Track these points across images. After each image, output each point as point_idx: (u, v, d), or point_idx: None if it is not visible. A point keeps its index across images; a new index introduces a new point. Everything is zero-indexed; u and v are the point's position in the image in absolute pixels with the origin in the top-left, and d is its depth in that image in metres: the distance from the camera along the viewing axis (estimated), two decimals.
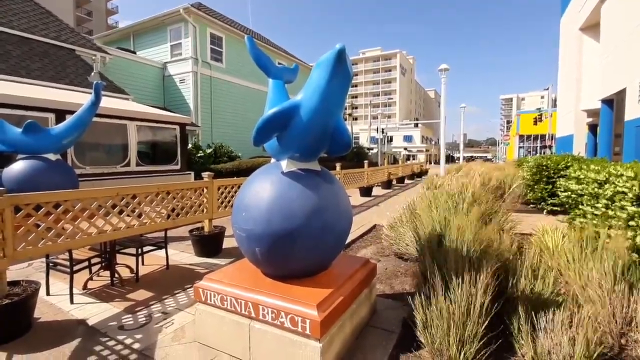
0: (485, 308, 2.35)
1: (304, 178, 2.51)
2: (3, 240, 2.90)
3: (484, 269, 2.57)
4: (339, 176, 9.69)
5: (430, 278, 2.71)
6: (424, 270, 3.12)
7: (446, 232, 3.59)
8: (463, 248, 3.23)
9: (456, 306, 2.30)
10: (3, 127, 4.76)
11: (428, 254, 3.23)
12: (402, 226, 4.79)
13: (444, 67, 14.59)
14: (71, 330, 2.98)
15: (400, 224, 4.90)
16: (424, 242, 3.67)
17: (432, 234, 3.79)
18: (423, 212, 4.54)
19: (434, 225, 3.96)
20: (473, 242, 3.28)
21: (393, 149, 60.09)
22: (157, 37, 16.83)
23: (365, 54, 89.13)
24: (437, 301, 2.36)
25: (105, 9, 54.95)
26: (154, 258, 4.79)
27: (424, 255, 3.30)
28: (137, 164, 7.76)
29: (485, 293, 2.40)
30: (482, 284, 2.43)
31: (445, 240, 3.47)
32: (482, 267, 2.60)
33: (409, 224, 4.67)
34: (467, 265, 2.76)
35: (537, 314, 2.29)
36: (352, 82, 2.19)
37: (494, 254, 3.11)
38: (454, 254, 3.06)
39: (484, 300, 2.36)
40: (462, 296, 2.38)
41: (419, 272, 3.30)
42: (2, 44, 9.36)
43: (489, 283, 2.47)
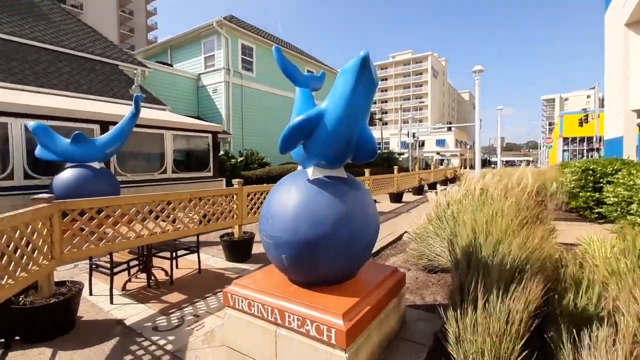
0: (525, 323, 2.20)
1: (330, 185, 2.50)
2: (52, 244, 3.13)
3: (525, 281, 2.41)
4: (367, 182, 9.58)
5: (464, 290, 2.58)
6: (457, 281, 2.99)
7: (481, 240, 3.42)
8: (500, 258, 3.05)
9: (493, 321, 2.17)
10: (54, 138, 5.17)
11: (461, 263, 3.09)
12: (433, 234, 4.63)
13: (478, 68, 14.07)
14: (110, 330, 3.14)
15: (431, 231, 4.73)
16: (457, 251, 3.51)
17: (465, 243, 3.62)
18: (455, 219, 4.36)
19: (467, 233, 3.79)
20: (511, 252, 3.09)
21: (425, 153, 58.60)
22: (192, 50, 17.67)
23: (395, 57, 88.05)
24: (472, 315, 2.24)
25: (146, 25, 58.66)
26: (187, 262, 4.96)
27: (457, 265, 3.16)
28: (173, 171, 8.13)
29: (526, 308, 2.25)
30: (523, 298, 2.27)
31: (480, 249, 3.31)
32: (522, 280, 2.44)
33: (440, 232, 4.50)
34: (505, 277, 2.60)
35: (580, 330, 2.11)
36: (381, 87, 2.17)
37: (535, 265, 2.91)
38: (490, 264, 2.90)
39: (523, 315, 2.21)
40: (500, 310, 2.24)
41: (452, 283, 3.16)
42: (55, 61, 10.26)
43: (529, 297, 2.31)
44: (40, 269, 2.93)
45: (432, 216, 5.12)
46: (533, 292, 2.33)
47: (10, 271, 2.52)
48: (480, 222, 3.56)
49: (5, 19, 10.03)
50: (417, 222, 5.05)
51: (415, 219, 5.15)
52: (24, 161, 5.69)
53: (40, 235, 2.96)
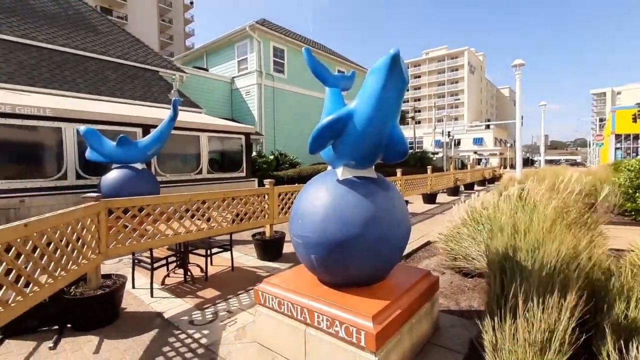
0: (570, 335, 2.04)
1: (360, 186, 2.47)
2: (99, 239, 3.37)
3: (572, 290, 2.24)
4: (399, 182, 9.38)
5: (501, 296, 2.45)
6: (494, 287, 2.84)
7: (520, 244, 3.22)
8: (542, 264, 2.86)
9: (534, 330, 2.03)
10: (102, 141, 5.56)
11: (499, 268, 2.93)
12: (468, 236, 4.43)
13: (519, 62, 13.29)
14: (150, 322, 3.32)
15: (467, 234, 4.54)
16: (494, 255, 3.34)
17: (503, 246, 3.43)
18: (494, 221, 4.14)
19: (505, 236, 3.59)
20: (555, 257, 2.88)
21: (461, 153, 56.34)
22: (226, 54, 18.27)
23: (429, 54, 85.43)
24: (511, 323, 2.11)
25: (184, 33, 61.53)
26: (221, 259, 5.13)
27: (494, 270, 3.00)
28: (208, 172, 8.45)
29: (571, 318, 2.08)
30: (567, 307, 2.11)
31: (519, 253, 3.12)
32: (568, 288, 2.27)
33: (476, 235, 4.30)
34: (547, 284, 2.43)
35: (630, 343, 1.92)
36: (414, 85, 2.11)
37: (582, 273, 2.69)
38: (531, 270, 2.73)
39: (567, 325, 2.05)
40: (541, 320, 2.09)
41: (489, 289, 3.00)
42: (103, 69, 11.05)
43: (575, 306, 2.14)
44: (89, 263, 3.15)
45: (468, 218, 4.91)
46: (577, 301, 2.16)
47: (63, 264, 2.74)
48: (520, 225, 3.35)
49: (59, 32, 10.95)
50: (452, 224, 4.87)
51: (450, 221, 4.96)
52: (76, 163, 6.16)
53: (89, 231, 3.19)
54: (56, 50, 10.36)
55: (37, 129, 5.84)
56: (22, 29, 9.97)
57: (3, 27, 9.54)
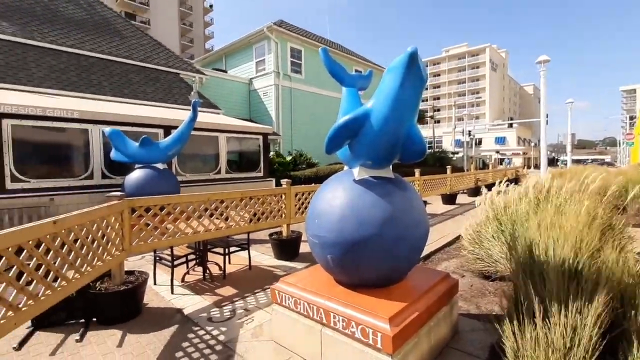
0: (595, 341, 1.94)
1: (377, 186, 2.44)
2: (122, 237, 3.48)
3: (597, 295, 2.13)
4: (417, 182, 9.24)
5: (522, 300, 2.36)
6: (517, 291, 2.75)
7: (544, 247, 3.10)
8: (565, 267, 2.74)
9: (557, 336, 1.95)
10: (125, 142, 5.76)
11: (520, 271, 2.83)
12: (490, 237, 4.31)
13: (543, 58, 12.79)
14: (171, 317, 3.41)
15: (488, 235, 4.41)
16: (516, 258, 3.23)
17: (525, 249, 3.32)
18: (516, 222, 4.01)
19: (527, 238, 3.47)
20: (579, 260, 2.76)
21: (482, 152, 54.86)
22: (244, 55, 18.53)
23: (449, 51, 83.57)
24: (532, 328, 2.04)
25: (204, 36, 62.89)
26: (239, 258, 5.20)
27: (517, 273, 2.90)
28: (227, 172, 8.60)
29: (597, 324, 1.99)
30: (593, 313, 2.02)
31: (542, 256, 3.00)
32: (595, 293, 2.17)
33: (498, 236, 4.17)
34: (573, 288, 2.33)
35: None
36: (433, 83, 2.07)
37: (609, 277, 2.56)
38: (556, 274, 2.62)
39: (592, 332, 1.96)
40: (565, 326, 2.01)
41: (511, 293, 2.91)
42: (126, 73, 11.44)
43: (600, 312, 2.04)
44: (113, 259, 3.27)
45: (489, 219, 4.77)
46: (604, 306, 2.06)
47: (89, 260, 2.85)
48: (543, 227, 3.23)
49: (87, 37, 11.42)
50: (472, 225, 4.74)
51: (470, 222, 4.84)
52: (101, 163, 6.41)
53: (113, 228, 3.31)
54: (84, 55, 10.80)
55: (65, 131, 6.11)
56: (53, 36, 10.45)
57: (35, 34, 10.03)
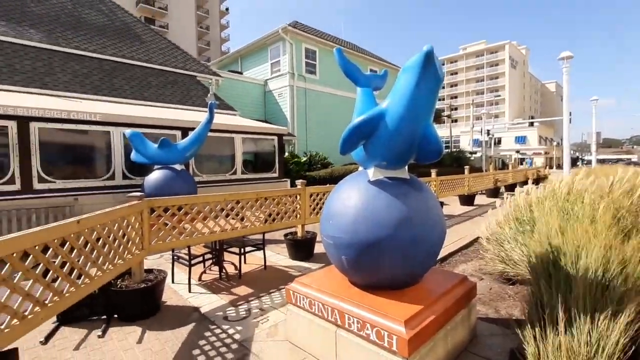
0: (620, 349, 1.86)
1: (392, 187, 2.41)
2: (142, 236, 3.57)
3: (626, 300, 2.04)
4: (434, 183, 9.09)
5: (544, 305, 2.28)
6: (537, 295, 2.66)
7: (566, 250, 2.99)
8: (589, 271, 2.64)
9: (580, 343, 1.88)
10: (145, 144, 5.91)
11: (543, 274, 2.74)
12: (510, 239, 4.19)
13: (566, 54, 12.33)
14: (188, 315, 3.47)
15: (508, 236, 4.29)
16: (537, 261, 3.13)
17: (546, 252, 3.21)
18: (535, 224, 3.88)
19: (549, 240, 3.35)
20: (604, 264, 2.64)
21: (501, 152, 53.43)
22: (260, 57, 18.71)
23: (467, 49, 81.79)
24: (553, 335, 1.97)
25: (220, 38, 63.93)
26: (254, 258, 5.25)
27: (538, 277, 2.81)
28: (242, 172, 8.70)
29: (625, 332, 1.90)
30: (621, 320, 1.93)
31: (564, 260, 2.90)
32: (624, 298, 2.07)
33: (518, 239, 4.05)
34: (595, 293, 2.24)
35: None
36: (450, 82, 2.03)
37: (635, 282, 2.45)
38: (580, 277, 2.52)
39: (618, 338, 1.87)
40: (590, 332, 1.93)
41: (531, 297, 2.82)
42: (146, 76, 11.76)
43: (626, 319, 1.95)
44: (133, 258, 3.36)
45: (509, 220, 4.64)
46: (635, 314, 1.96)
47: (110, 258, 2.94)
48: (565, 229, 3.11)
49: (108, 42, 11.79)
50: (491, 226, 4.63)
51: (489, 224, 4.72)
52: (122, 164, 6.60)
53: (133, 228, 3.40)
54: (105, 60, 11.16)
55: (88, 133, 6.33)
56: (77, 41, 10.85)
57: (60, 40, 10.44)
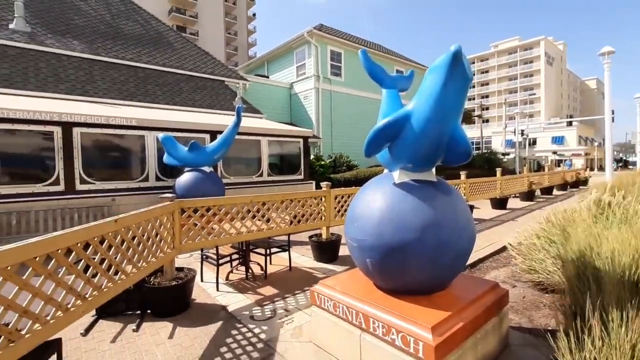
0: None
1: (418, 190, 2.37)
2: (173, 235, 3.72)
3: None
4: (463, 185, 8.81)
5: (579, 314, 2.15)
6: (573, 305, 2.51)
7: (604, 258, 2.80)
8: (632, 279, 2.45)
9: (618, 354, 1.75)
10: (176, 147, 6.17)
11: (579, 284, 2.58)
12: (543, 248, 3.98)
13: (607, 49, 11.56)
14: (216, 313, 3.57)
15: (541, 244, 4.08)
16: (573, 269, 2.95)
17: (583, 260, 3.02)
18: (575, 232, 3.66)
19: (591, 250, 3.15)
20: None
21: (537, 153, 50.86)
22: (285, 61, 19.01)
23: (498, 46, 78.61)
24: (589, 345, 1.85)
25: (247, 43, 65.54)
26: (279, 259, 5.32)
27: (574, 286, 2.65)
28: (268, 174, 8.86)
29: None
30: None
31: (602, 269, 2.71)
32: None
33: (553, 244, 3.84)
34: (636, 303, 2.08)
35: None
36: (480, 81, 1.97)
37: None
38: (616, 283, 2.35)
39: None
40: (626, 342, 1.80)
41: (567, 306, 2.66)
42: (177, 82, 12.27)
43: None
44: (165, 256, 3.51)
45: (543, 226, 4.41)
46: None
47: (144, 256, 3.08)
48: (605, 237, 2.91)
49: (144, 51, 12.42)
50: (524, 232, 4.42)
51: (522, 229, 4.51)
52: (155, 166, 6.92)
53: (165, 228, 3.55)
54: (140, 67, 11.76)
55: (124, 137, 6.69)
56: (114, 51, 11.51)
57: (100, 50, 11.12)
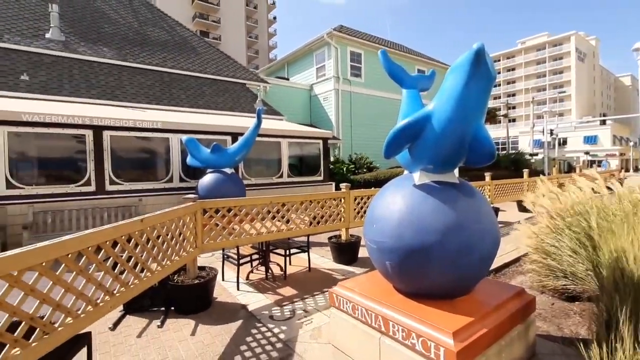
0: None
1: (439, 191, 2.32)
2: (195, 235, 3.82)
3: None
4: (488, 187, 8.54)
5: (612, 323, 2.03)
6: (606, 313, 2.37)
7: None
8: None
9: None
10: (199, 149, 6.33)
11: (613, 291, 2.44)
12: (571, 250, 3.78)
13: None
14: (237, 312, 3.63)
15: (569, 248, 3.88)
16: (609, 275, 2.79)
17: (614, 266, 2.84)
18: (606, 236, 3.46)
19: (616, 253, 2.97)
20: None
21: (567, 153, 48.53)
22: (305, 62, 19.12)
23: (525, 43, 75.58)
24: (624, 355, 1.75)
25: (268, 46, 66.46)
26: (299, 260, 5.35)
27: (606, 293, 2.51)
28: (288, 176, 8.93)
29: None
30: None
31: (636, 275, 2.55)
32: None
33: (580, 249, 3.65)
34: None
35: None
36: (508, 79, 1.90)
37: None
38: None
39: None
40: None
41: (599, 314, 2.52)
42: (200, 85, 12.62)
43: None
44: (188, 255, 3.61)
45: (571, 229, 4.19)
46: None
47: (168, 254, 3.18)
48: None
49: (169, 56, 12.86)
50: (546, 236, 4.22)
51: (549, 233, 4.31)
52: (179, 168, 7.13)
53: (188, 227, 3.65)
54: (166, 72, 12.17)
55: (150, 140, 6.94)
56: (142, 57, 11.97)
57: (128, 56, 11.60)
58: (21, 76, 8.56)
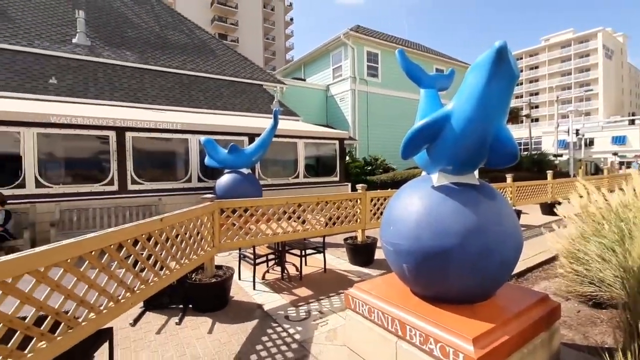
0: None
1: (458, 193, 2.26)
2: (213, 234, 3.88)
3: None
4: (509, 189, 8.28)
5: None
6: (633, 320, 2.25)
7: None
8: None
9: None
10: (217, 149, 6.43)
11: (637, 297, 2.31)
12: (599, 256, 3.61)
13: None
14: (253, 312, 3.66)
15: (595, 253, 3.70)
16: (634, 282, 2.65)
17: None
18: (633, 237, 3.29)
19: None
20: None
21: (594, 154, 46.57)
22: (322, 63, 19.14)
23: (549, 40, 72.94)
24: None
25: (285, 48, 66.96)
26: (314, 261, 5.34)
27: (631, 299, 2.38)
28: (304, 176, 8.95)
29: None
30: None
31: None
32: None
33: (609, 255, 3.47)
34: None
35: None
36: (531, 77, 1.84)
37: None
38: None
39: None
40: None
41: (625, 322, 2.39)
42: (219, 87, 12.83)
43: None
44: (206, 254, 3.66)
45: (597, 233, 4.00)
46: None
47: (187, 253, 3.24)
48: None
49: (188, 59, 13.15)
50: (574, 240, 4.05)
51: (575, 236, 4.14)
52: (198, 168, 7.27)
53: (206, 227, 3.71)
54: (185, 75, 12.45)
55: (170, 140, 7.11)
56: (163, 60, 12.29)
57: (149, 59, 11.93)
58: (50, 80, 8.95)
